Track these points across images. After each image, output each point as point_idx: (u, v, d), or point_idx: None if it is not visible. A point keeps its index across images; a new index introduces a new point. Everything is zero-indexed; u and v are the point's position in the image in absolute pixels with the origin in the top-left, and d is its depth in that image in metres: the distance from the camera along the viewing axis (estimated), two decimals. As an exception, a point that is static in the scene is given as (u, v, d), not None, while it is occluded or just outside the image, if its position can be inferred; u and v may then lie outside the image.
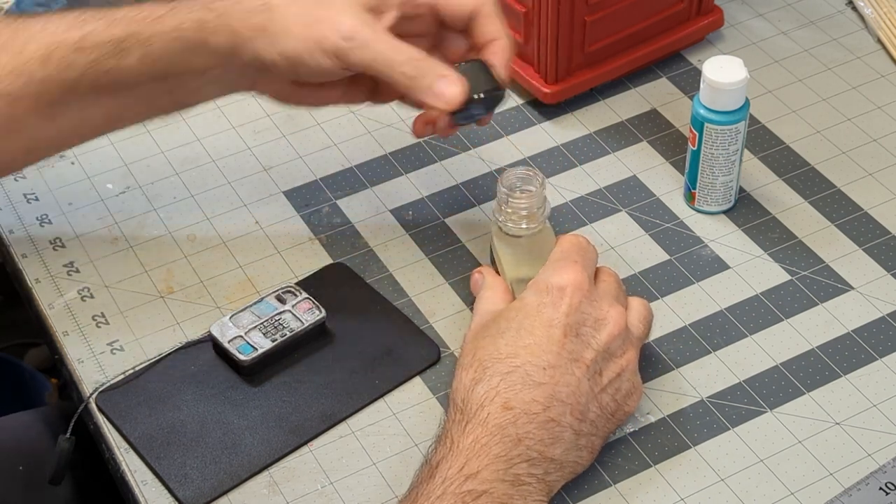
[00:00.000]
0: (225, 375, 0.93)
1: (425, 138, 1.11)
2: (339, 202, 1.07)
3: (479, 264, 1.01)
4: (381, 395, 0.92)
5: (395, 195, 1.07)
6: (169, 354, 0.94)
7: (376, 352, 0.94)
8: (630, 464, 0.88)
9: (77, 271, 1.02)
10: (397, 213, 1.06)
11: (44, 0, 1.24)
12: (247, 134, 1.13)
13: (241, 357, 0.92)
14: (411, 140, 1.11)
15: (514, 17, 1.11)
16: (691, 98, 1.13)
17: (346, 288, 0.99)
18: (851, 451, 0.88)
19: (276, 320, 0.94)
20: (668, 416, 0.91)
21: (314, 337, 0.95)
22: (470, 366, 0.85)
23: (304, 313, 0.94)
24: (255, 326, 0.94)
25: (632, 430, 0.90)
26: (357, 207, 1.06)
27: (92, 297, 1.00)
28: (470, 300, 0.99)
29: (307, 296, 0.96)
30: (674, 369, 0.94)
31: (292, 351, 0.94)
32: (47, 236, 1.05)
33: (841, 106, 1.13)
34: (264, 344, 0.93)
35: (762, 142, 1.10)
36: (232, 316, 0.94)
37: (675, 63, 1.18)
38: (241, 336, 0.93)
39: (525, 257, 0.93)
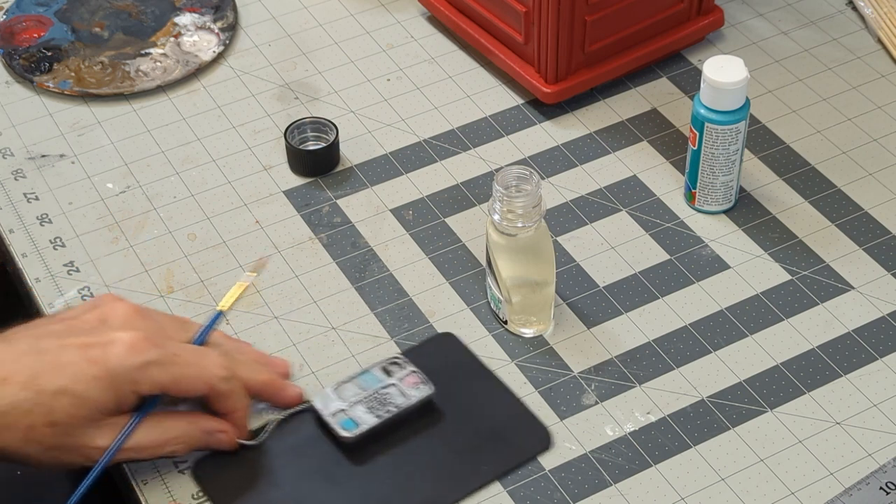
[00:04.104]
0: (326, 449, 0.89)
1: (425, 138, 1.11)
2: (339, 202, 1.07)
3: (479, 264, 1.01)
4: (488, 482, 0.88)
5: (395, 195, 1.07)
6: (267, 430, 0.90)
7: (484, 433, 0.90)
8: (630, 464, 0.88)
9: (77, 271, 1.02)
10: (397, 213, 1.06)
11: (44, 0, 1.24)
12: (247, 134, 1.13)
13: (344, 434, 0.88)
14: (411, 140, 1.11)
15: (514, 17, 1.11)
16: (691, 98, 1.13)
17: (453, 360, 0.94)
18: (852, 451, 0.88)
19: (381, 395, 0.90)
20: (668, 415, 0.91)
21: (420, 413, 0.90)
22: None
23: (411, 388, 0.90)
24: (360, 401, 0.90)
25: (632, 429, 0.90)
26: (357, 207, 1.06)
27: (92, 296, 1.00)
28: (470, 300, 0.99)
29: (414, 369, 0.91)
30: (674, 369, 0.94)
31: (397, 427, 0.89)
32: (47, 236, 1.05)
33: (841, 106, 1.13)
34: (368, 420, 0.88)
35: (762, 142, 1.10)
36: (336, 387, 0.90)
37: (675, 63, 1.18)
38: (343, 410, 0.89)
39: (520, 256, 0.93)
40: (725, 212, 1.05)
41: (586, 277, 1.00)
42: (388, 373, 0.91)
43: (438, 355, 0.95)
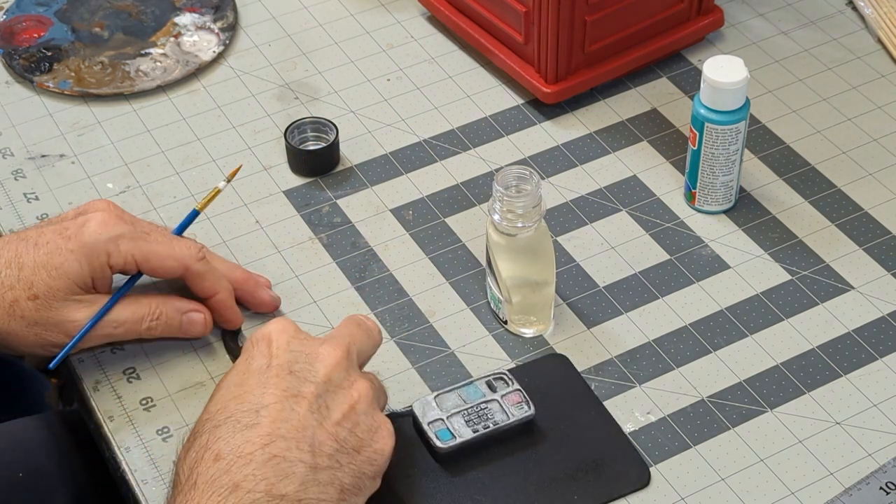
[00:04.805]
0: (421, 457, 0.88)
1: (425, 138, 1.12)
2: (339, 202, 1.07)
3: (479, 264, 1.01)
4: None
5: (395, 195, 1.07)
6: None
7: (582, 462, 0.88)
8: (630, 463, 0.88)
9: (77, 271, 1.02)
10: (397, 213, 1.06)
11: (44, 0, 1.24)
12: (247, 134, 1.13)
13: (439, 444, 0.87)
14: (411, 140, 1.11)
15: (514, 17, 1.11)
16: (692, 98, 1.13)
17: (562, 384, 0.93)
18: (852, 451, 0.88)
19: (481, 408, 0.89)
20: (668, 415, 0.91)
21: (518, 433, 0.89)
22: (186, 439, 0.80)
23: (513, 406, 0.89)
24: (459, 412, 0.88)
25: (632, 429, 0.90)
26: (357, 207, 1.06)
27: (92, 296, 1.00)
28: (471, 300, 0.99)
29: (518, 387, 0.90)
30: (674, 369, 0.94)
31: (494, 444, 0.88)
32: (47, 236, 1.04)
33: (841, 106, 1.13)
34: (465, 433, 0.87)
35: (762, 142, 1.10)
36: (437, 395, 0.89)
37: (675, 63, 1.18)
38: (442, 419, 0.88)
39: (520, 256, 0.93)
40: (725, 212, 1.05)
41: (586, 277, 1.00)
42: (492, 388, 0.90)
43: (548, 376, 0.93)
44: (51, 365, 0.91)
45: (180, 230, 0.96)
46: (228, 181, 0.98)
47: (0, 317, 0.89)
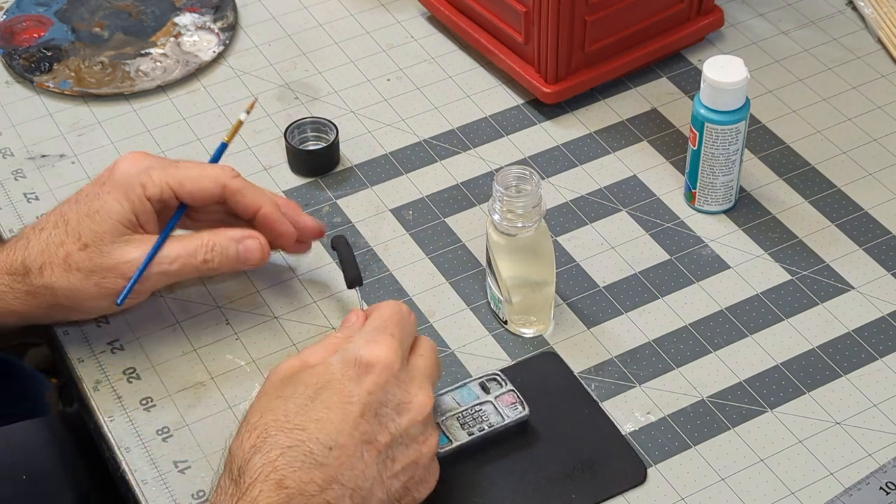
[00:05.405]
0: None
1: (425, 138, 1.12)
2: (339, 202, 1.07)
3: (479, 264, 1.01)
4: None
5: (395, 195, 1.07)
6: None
7: (577, 462, 0.87)
8: (630, 463, 0.88)
9: (77, 271, 1.02)
10: (397, 213, 1.06)
11: (44, 0, 1.24)
12: (247, 134, 1.13)
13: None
14: (411, 140, 1.12)
15: (514, 17, 1.11)
16: (692, 98, 1.13)
17: (553, 382, 0.92)
18: (852, 451, 0.88)
19: (476, 411, 0.88)
20: (668, 415, 0.91)
21: (514, 434, 0.88)
22: (255, 428, 0.79)
23: (507, 407, 0.88)
24: (454, 414, 0.88)
25: (632, 429, 0.90)
26: (357, 207, 1.06)
27: (92, 296, 1.00)
28: (471, 300, 0.99)
29: (512, 388, 0.89)
30: (674, 369, 0.94)
31: (489, 445, 0.88)
32: (47, 236, 1.04)
33: (841, 106, 1.13)
34: (460, 436, 0.87)
35: (762, 142, 1.10)
36: None
37: (675, 63, 1.18)
38: (437, 423, 0.87)
39: (520, 256, 0.93)
40: (725, 212, 1.05)
41: (586, 277, 1.00)
42: (485, 389, 0.90)
43: (540, 375, 0.93)
44: (119, 300, 0.91)
45: (213, 162, 0.98)
46: (248, 113, 0.99)
47: (58, 274, 0.90)
